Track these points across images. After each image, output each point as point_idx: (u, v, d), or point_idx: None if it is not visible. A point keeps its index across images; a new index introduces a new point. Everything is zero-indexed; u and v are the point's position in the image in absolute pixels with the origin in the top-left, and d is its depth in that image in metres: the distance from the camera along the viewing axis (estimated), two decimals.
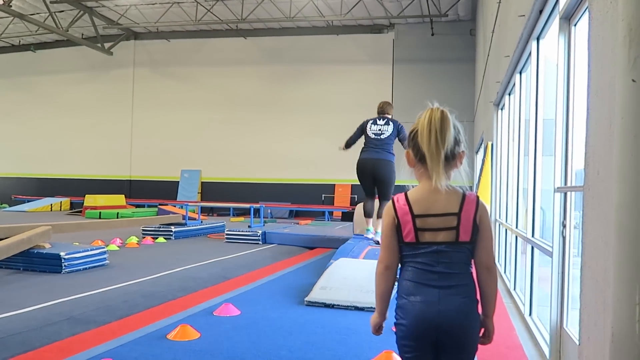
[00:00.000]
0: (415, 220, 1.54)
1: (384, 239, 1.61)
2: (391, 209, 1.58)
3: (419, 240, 1.54)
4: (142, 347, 3.12)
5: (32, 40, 21.12)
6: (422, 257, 1.55)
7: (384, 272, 1.61)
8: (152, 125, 20.32)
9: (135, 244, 8.58)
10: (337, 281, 4.57)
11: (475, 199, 1.61)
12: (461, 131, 1.67)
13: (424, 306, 1.52)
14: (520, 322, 4.09)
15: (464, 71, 16.72)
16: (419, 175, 1.62)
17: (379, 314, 1.68)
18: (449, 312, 1.51)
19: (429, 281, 1.53)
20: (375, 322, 1.69)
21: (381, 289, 1.63)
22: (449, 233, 1.54)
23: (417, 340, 1.54)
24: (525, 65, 5.06)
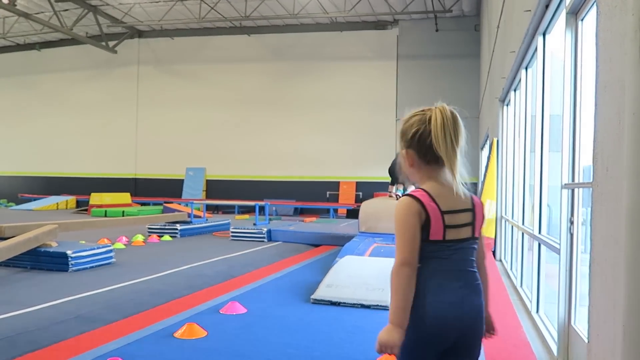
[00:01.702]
0: (444, 217, 1.47)
1: (408, 234, 1.45)
2: (416, 204, 1.47)
3: (445, 237, 1.47)
4: (150, 345, 3.13)
5: (37, 39, 21.20)
6: (446, 255, 1.48)
7: (409, 274, 1.43)
8: (157, 123, 20.37)
9: (141, 242, 8.60)
10: (343, 279, 4.57)
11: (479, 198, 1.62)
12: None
13: (449, 307, 1.44)
14: (527, 319, 4.07)
15: (468, 67, 16.64)
16: (424, 176, 1.56)
17: (400, 326, 1.42)
18: (471, 313, 1.47)
19: (452, 281, 1.47)
20: (395, 338, 1.41)
21: (406, 294, 1.42)
22: (468, 229, 1.51)
23: (436, 345, 1.45)
24: (532, 60, 5.02)
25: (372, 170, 18.10)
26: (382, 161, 17.82)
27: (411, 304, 1.44)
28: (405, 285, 1.43)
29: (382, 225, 6.84)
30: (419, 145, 1.55)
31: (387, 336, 1.41)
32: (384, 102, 17.96)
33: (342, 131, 18.40)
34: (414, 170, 1.58)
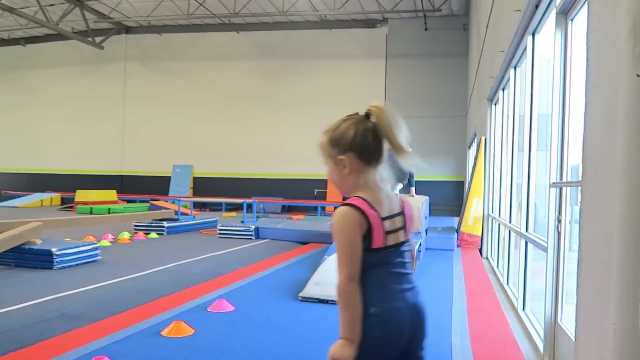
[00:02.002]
0: (384, 224, 1.45)
1: (351, 250, 1.41)
2: (357, 215, 1.42)
3: (386, 244, 1.45)
4: (136, 343, 3.09)
5: (21, 34, 20.85)
6: (388, 262, 1.46)
7: (356, 289, 1.39)
8: (144, 120, 20.18)
9: (127, 239, 8.51)
10: (332, 277, 4.56)
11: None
12: None
13: (398, 313, 1.44)
14: (514, 316, 4.10)
15: (457, 66, 16.74)
16: (360, 180, 1.51)
17: (353, 341, 1.38)
18: (420, 314, 1.50)
19: (396, 285, 1.46)
20: (348, 354, 1.37)
21: (356, 309, 1.38)
22: (402, 232, 1.50)
23: (390, 352, 1.44)
24: (520, 60, 5.06)
25: None
26: None
27: (360, 317, 1.41)
28: (354, 300, 1.39)
29: None
30: (360, 145, 1.52)
31: (341, 351, 1.37)
32: (372, 100, 17.63)
33: None
34: (352, 177, 1.51)
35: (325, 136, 1.58)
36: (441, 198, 16.57)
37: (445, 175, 17.34)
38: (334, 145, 1.55)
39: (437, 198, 15.61)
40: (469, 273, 5.90)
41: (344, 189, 1.55)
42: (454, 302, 4.37)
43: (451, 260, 6.85)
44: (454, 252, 7.55)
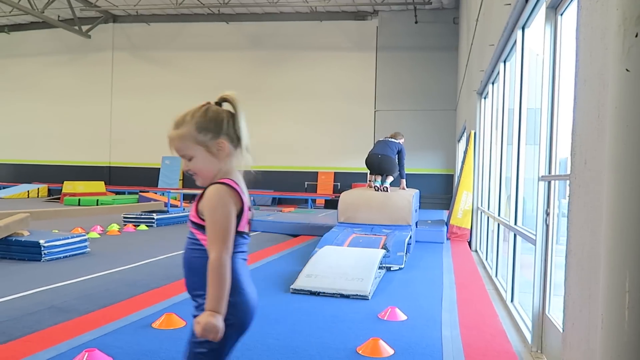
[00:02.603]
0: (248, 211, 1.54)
1: (228, 226, 1.45)
2: (234, 194, 1.48)
3: (249, 230, 1.54)
4: (127, 336, 3.09)
5: (5, 21, 20.46)
6: (245, 248, 1.55)
7: (229, 264, 1.44)
8: (132, 111, 19.97)
9: (116, 231, 8.46)
10: (323, 269, 4.58)
11: None
12: None
13: (254, 296, 1.55)
14: (503, 308, 4.16)
15: (446, 59, 16.77)
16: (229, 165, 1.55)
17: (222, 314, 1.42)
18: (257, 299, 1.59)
19: (247, 270, 1.57)
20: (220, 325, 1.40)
21: (228, 284, 1.43)
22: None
23: (246, 330, 1.54)
24: (510, 54, 5.09)
25: (350, 161, 18.15)
26: (360, 152, 17.85)
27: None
28: (228, 275, 1.43)
29: (361, 215, 6.88)
30: (230, 130, 1.59)
31: (215, 322, 1.39)
32: (362, 93, 18.00)
33: (321, 121, 18.38)
34: (224, 162, 1.54)
35: (185, 126, 1.54)
36: (431, 191, 16.66)
37: (435, 169, 17.43)
38: (205, 130, 1.55)
39: (427, 191, 15.70)
40: (459, 265, 5.96)
41: (210, 177, 1.54)
42: (444, 294, 4.42)
43: (441, 252, 6.91)
44: (443, 245, 7.61)
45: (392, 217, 6.79)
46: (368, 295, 4.17)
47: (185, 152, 1.54)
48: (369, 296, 4.18)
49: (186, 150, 1.53)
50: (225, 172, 1.54)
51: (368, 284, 4.27)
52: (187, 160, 1.54)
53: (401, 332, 3.30)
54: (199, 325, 1.40)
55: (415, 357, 2.86)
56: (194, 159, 1.53)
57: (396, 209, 6.82)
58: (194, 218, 1.52)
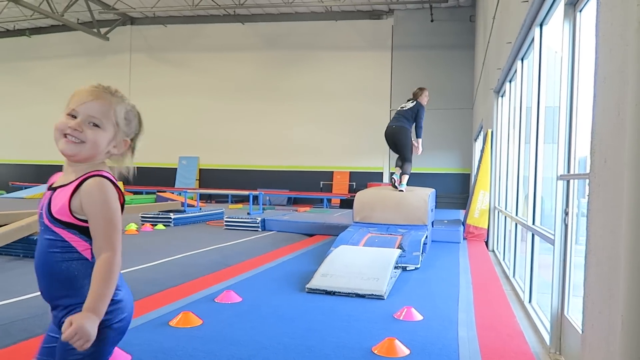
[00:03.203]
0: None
1: (118, 222, 1.37)
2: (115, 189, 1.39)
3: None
4: (145, 333, 3.13)
5: (27, 25, 20.87)
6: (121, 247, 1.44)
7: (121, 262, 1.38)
8: (149, 112, 20.11)
9: (134, 230, 8.57)
10: (338, 268, 4.59)
11: None
12: None
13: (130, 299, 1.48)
14: (520, 309, 4.11)
15: (463, 58, 16.63)
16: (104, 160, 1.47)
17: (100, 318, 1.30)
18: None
19: None
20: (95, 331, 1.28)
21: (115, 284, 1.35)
22: None
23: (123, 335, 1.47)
24: (528, 51, 5.02)
25: (365, 161, 18.11)
26: (375, 151, 17.84)
27: None
28: (117, 278, 1.36)
29: (377, 215, 6.86)
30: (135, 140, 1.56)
31: (89, 327, 1.25)
32: (378, 92, 17.94)
33: (336, 121, 18.37)
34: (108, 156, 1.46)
35: (118, 103, 1.45)
36: (447, 191, 16.55)
37: (451, 168, 17.29)
38: (128, 121, 1.49)
39: (443, 191, 15.60)
40: (475, 265, 5.91)
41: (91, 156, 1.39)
42: (460, 294, 4.39)
43: (457, 252, 6.85)
44: (460, 245, 7.55)
45: (408, 216, 6.75)
46: (384, 295, 4.16)
47: (99, 119, 1.38)
48: (384, 296, 4.17)
49: (100, 118, 1.38)
50: (101, 164, 1.44)
51: (384, 284, 4.25)
52: (87, 123, 1.37)
53: (417, 332, 3.29)
54: (71, 326, 1.24)
55: (432, 357, 2.85)
56: (98, 130, 1.38)
57: (412, 209, 6.79)
58: (64, 216, 1.34)
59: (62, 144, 1.37)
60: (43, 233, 1.38)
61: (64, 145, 1.37)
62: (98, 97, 1.40)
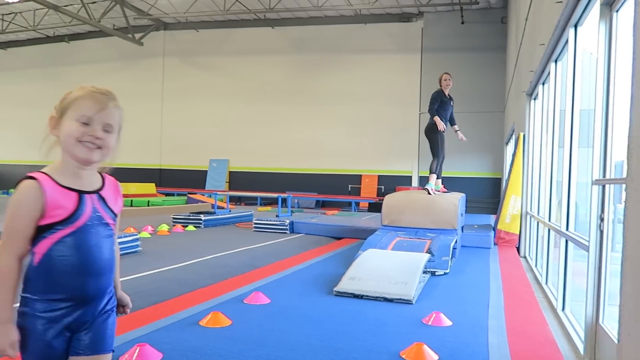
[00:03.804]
0: None
1: None
2: None
3: None
4: (176, 332, 3.19)
5: (66, 31, 21.62)
6: None
7: None
8: (181, 115, 20.61)
9: (166, 231, 8.75)
10: (366, 272, 4.57)
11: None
12: None
13: None
14: (553, 317, 4.02)
15: (494, 60, 16.37)
16: None
17: None
18: None
19: None
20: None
21: None
22: None
23: None
24: (562, 53, 4.92)
25: (394, 164, 18.01)
26: (404, 155, 17.72)
27: None
28: None
29: (406, 218, 6.81)
30: None
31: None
32: (407, 96, 17.82)
33: (365, 124, 18.34)
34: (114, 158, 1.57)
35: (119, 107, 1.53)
36: (477, 195, 16.29)
37: (481, 172, 17.02)
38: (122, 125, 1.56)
39: (473, 195, 15.36)
40: (506, 271, 5.80)
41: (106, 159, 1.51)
42: (491, 300, 4.31)
43: (487, 258, 6.74)
44: (490, 250, 7.42)
45: (437, 220, 6.68)
46: (412, 299, 4.13)
47: (111, 125, 1.48)
48: (413, 300, 4.14)
49: (112, 125, 1.48)
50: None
51: (412, 288, 4.22)
52: (107, 131, 1.46)
53: (446, 337, 3.25)
54: None
55: None
56: (111, 135, 1.48)
57: (441, 213, 6.71)
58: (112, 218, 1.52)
59: (84, 152, 1.43)
60: (101, 232, 1.47)
61: (87, 152, 1.43)
62: (107, 104, 1.47)
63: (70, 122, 1.43)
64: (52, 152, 1.46)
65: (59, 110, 1.45)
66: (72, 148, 1.43)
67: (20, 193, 1.37)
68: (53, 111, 1.46)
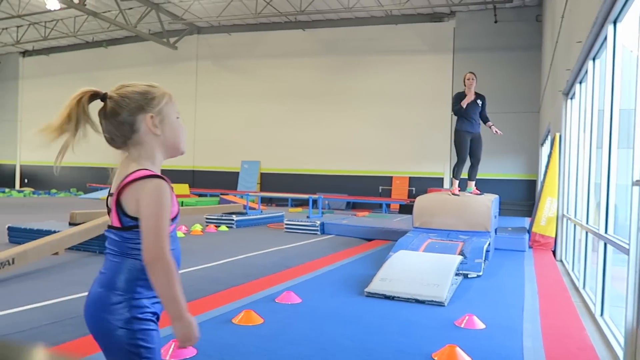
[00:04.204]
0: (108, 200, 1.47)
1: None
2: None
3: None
4: (209, 329, 3.26)
5: (104, 36, 22.31)
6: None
7: None
8: (214, 117, 20.96)
9: (199, 231, 8.92)
10: (397, 273, 4.56)
11: (140, 176, 1.39)
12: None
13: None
14: (591, 322, 3.91)
15: (529, 59, 16.01)
16: None
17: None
18: (86, 301, 1.44)
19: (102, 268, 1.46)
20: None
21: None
22: (110, 216, 1.44)
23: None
24: (600, 51, 4.78)
25: (425, 166, 17.82)
26: (436, 156, 17.52)
27: None
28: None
29: (438, 220, 6.74)
30: None
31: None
32: (439, 96, 17.61)
33: (396, 125, 18.22)
34: None
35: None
36: (511, 197, 15.95)
37: (516, 174, 16.66)
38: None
39: (507, 197, 15.05)
40: (542, 275, 5.67)
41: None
42: (525, 304, 4.23)
43: (522, 261, 6.60)
44: (525, 254, 7.26)
45: (470, 222, 6.59)
46: (444, 301, 4.09)
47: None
48: (445, 302, 4.10)
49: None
50: None
51: (444, 290, 4.18)
52: None
53: (479, 340, 3.21)
54: None
55: None
56: None
57: (474, 215, 6.61)
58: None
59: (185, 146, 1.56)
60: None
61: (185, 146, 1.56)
62: None
63: (175, 120, 1.51)
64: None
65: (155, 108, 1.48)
66: (179, 145, 1.51)
67: (161, 191, 1.37)
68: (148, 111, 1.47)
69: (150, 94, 1.50)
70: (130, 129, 1.45)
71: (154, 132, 1.46)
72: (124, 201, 1.39)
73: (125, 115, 1.45)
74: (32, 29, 21.15)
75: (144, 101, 1.48)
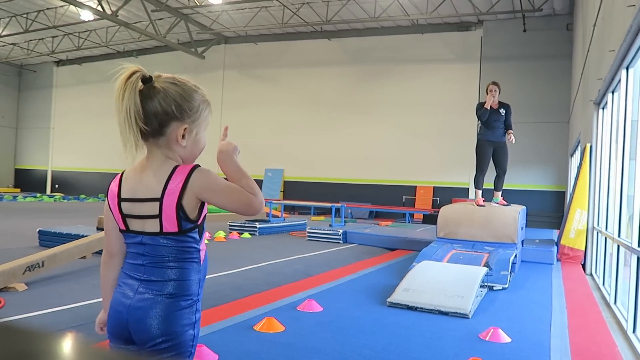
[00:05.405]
0: (121, 205, 1.38)
1: (104, 224, 1.47)
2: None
3: (128, 228, 1.38)
4: (231, 335, 3.26)
5: (134, 46, 22.86)
6: (131, 248, 1.39)
7: (106, 261, 1.46)
8: (239, 125, 21.17)
9: (222, 238, 8.98)
10: (421, 284, 4.49)
11: (187, 172, 1.38)
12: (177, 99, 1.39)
13: (121, 298, 1.36)
14: (623, 338, 3.77)
15: (559, 68, 15.73)
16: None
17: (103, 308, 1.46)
18: (137, 308, 1.33)
19: (134, 273, 1.37)
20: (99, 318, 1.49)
21: (101, 279, 1.46)
22: (154, 222, 1.35)
23: (111, 334, 1.39)
24: (634, 59, 4.66)
25: (450, 176, 17.61)
26: (462, 166, 17.29)
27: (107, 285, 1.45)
28: (101, 268, 1.47)
29: (462, 231, 6.63)
30: None
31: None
32: (465, 106, 17.40)
33: (421, 135, 18.09)
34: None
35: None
36: (539, 209, 15.61)
37: (544, 185, 16.32)
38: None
39: (534, 208, 14.74)
40: (571, 289, 5.50)
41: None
42: (553, 318, 4.11)
43: (550, 274, 6.43)
44: (553, 266, 7.08)
45: (496, 234, 6.46)
46: (468, 313, 4.01)
47: None
48: (469, 314, 4.01)
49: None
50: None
51: (469, 302, 4.10)
52: None
53: (504, 354, 3.13)
54: None
55: None
56: None
57: (500, 226, 6.48)
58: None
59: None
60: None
61: None
62: None
63: (202, 134, 1.56)
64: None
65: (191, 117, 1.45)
66: (193, 160, 1.53)
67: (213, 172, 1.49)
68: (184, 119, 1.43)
69: (193, 100, 1.45)
70: (158, 129, 1.40)
71: (179, 143, 1.43)
72: (186, 204, 1.36)
73: (160, 111, 1.39)
74: (66, 39, 21.82)
75: (183, 105, 1.42)
